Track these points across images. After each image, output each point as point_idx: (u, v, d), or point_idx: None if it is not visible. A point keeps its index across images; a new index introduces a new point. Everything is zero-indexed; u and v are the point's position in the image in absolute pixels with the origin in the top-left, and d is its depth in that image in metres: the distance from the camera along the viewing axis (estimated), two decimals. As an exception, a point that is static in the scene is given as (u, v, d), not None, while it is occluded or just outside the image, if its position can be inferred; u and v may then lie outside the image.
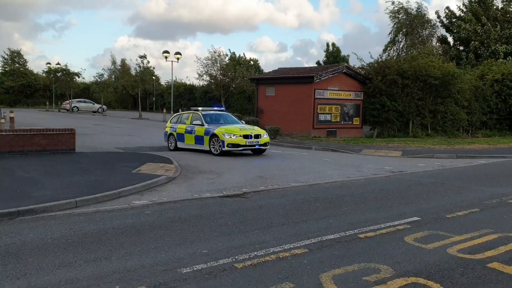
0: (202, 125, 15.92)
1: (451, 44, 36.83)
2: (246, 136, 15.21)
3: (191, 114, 16.87)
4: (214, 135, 15.36)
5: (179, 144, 16.71)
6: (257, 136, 15.52)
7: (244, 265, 5.10)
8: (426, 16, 38.29)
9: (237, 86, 37.84)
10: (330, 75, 23.26)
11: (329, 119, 23.62)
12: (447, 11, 36.13)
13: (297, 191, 9.76)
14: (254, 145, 15.43)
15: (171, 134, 17.12)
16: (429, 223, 7.04)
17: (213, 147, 15.39)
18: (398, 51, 38.49)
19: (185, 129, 16.47)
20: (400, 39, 38.73)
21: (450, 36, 36.74)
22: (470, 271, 5.06)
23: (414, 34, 37.90)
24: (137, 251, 5.55)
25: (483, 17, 33.73)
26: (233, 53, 54.96)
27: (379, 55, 30.44)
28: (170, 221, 7.00)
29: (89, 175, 10.47)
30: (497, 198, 9.09)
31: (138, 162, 12.34)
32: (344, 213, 7.71)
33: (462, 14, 34.96)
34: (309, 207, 8.07)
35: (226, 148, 15.01)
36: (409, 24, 37.29)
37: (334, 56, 44.57)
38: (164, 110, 39.11)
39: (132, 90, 50.43)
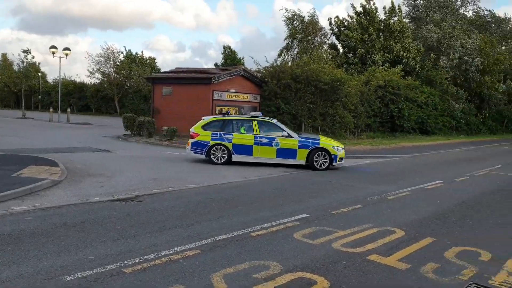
0: (288, 136, 14.09)
1: (341, 51, 39.30)
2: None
3: (255, 121, 14.39)
4: (320, 149, 13.90)
5: (237, 157, 14.14)
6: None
7: (133, 270, 4.93)
8: (318, 24, 40.51)
9: (133, 85, 36.63)
10: (228, 77, 23.48)
11: (225, 121, 23.81)
12: (336, 20, 38.52)
13: (193, 192, 9.68)
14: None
15: (218, 145, 14.15)
16: (317, 220, 7.41)
17: (317, 162, 13.81)
18: (292, 56, 40.18)
19: (254, 140, 14.13)
20: (294, 45, 40.47)
21: (340, 43, 39.20)
22: (352, 263, 5.41)
23: (308, 40, 39.83)
24: (15, 260, 5.08)
25: (371, 27, 36.52)
26: (129, 50, 53.10)
27: (274, 59, 31.53)
28: (54, 227, 6.51)
29: (-41, 180, 9.37)
30: (378, 195, 9.86)
31: (20, 165, 11.31)
32: (238, 212, 7.81)
33: (349, 24, 37.53)
34: (204, 209, 8.04)
35: (337, 163, 14.08)
36: (303, 30, 39.10)
37: (231, 58, 45.17)
38: (51, 109, 36.47)
39: (14, 87, 46.31)
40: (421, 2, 47.17)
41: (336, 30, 38.34)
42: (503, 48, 46.08)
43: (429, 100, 35.48)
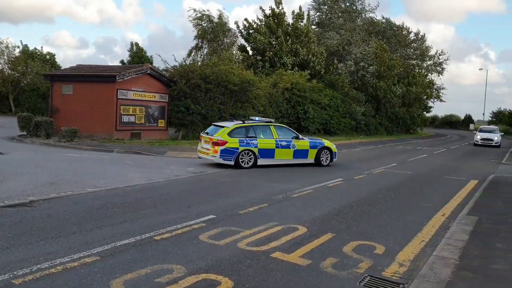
0: (298, 138, 15.70)
1: (250, 53, 39.89)
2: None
3: (272, 126, 15.45)
4: (325, 148, 16.09)
5: (261, 161, 14.78)
6: None
7: (24, 280, 4.56)
8: (227, 25, 40.73)
9: (30, 83, 34.00)
10: (134, 76, 22.73)
11: (133, 120, 23.05)
12: (245, 22, 39.04)
13: (94, 196, 9.17)
14: None
15: (246, 150, 14.45)
16: (223, 220, 7.40)
17: (322, 159, 15.87)
18: (202, 56, 40.00)
19: (276, 144, 14.96)
20: (204, 45, 40.31)
21: (249, 45, 39.78)
22: (256, 262, 5.47)
23: (217, 41, 39.89)
24: None
25: (280, 29, 37.49)
26: (26, 45, 49.22)
27: (183, 58, 31.10)
28: None
29: None
30: (284, 193, 10.12)
31: None
32: (142, 216, 7.55)
33: (258, 27, 38.22)
34: (105, 213, 7.66)
35: (336, 159, 16.37)
36: (212, 31, 39.10)
37: (138, 56, 43.82)
38: None
39: None
40: (325, 7, 49.51)
41: (245, 32, 38.84)
42: (398, 54, 49.92)
43: (332, 103, 37.37)
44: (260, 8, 38.48)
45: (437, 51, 58.12)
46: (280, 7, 38.39)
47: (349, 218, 8.03)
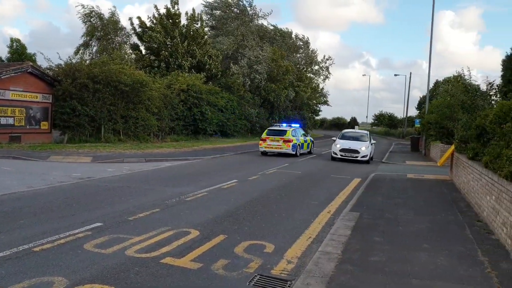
0: (306, 136, 25.65)
1: (144, 53, 38.67)
2: None
3: (298, 129, 24.64)
4: (312, 142, 26.57)
5: (301, 151, 23.70)
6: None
7: None
8: (119, 23, 39.13)
9: None
10: (13, 74, 20.81)
11: (12, 123, 21.08)
12: (138, 21, 37.73)
13: (-39, 207, 8.20)
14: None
15: (298, 144, 23.10)
16: (111, 227, 7.06)
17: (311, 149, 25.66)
18: (91, 55, 37.95)
19: (304, 140, 24.38)
20: (93, 43, 38.30)
21: (142, 44, 38.54)
22: (145, 269, 5.29)
23: (108, 39, 38.13)
24: None
25: (177, 30, 36.84)
26: None
27: (69, 57, 29.02)
28: None
29: None
30: (177, 197, 9.96)
31: None
32: (20, 226, 6.91)
33: (153, 25, 37.19)
34: (-25, 225, 6.87)
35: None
36: (102, 28, 37.31)
37: (19, 53, 40.23)
38: None
39: None
40: (218, 12, 49.89)
41: (139, 30, 37.57)
42: (289, 60, 52.05)
43: (228, 105, 37.79)
44: (155, 6, 37.39)
45: (324, 56, 61.83)
46: (176, 8, 37.82)
47: (241, 219, 8.15)
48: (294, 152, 22.16)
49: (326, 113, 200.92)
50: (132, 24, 37.43)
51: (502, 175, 7.03)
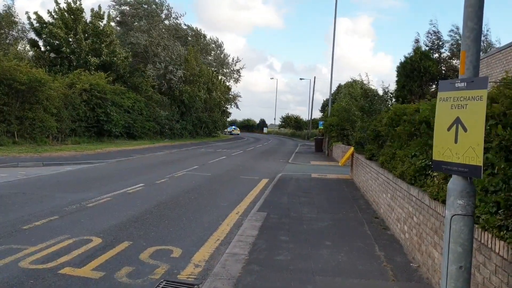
0: None
1: (43, 50, 36.10)
2: None
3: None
4: None
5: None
6: None
7: None
8: (13, 17, 36.26)
9: None
10: None
11: None
12: (36, 16, 35.12)
13: None
14: None
15: None
16: (2, 238, 6.49)
17: None
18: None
19: None
20: (-17, 38, 35.05)
21: (42, 41, 35.97)
22: (41, 281, 4.94)
23: (1, 34, 35.18)
24: None
25: (79, 26, 34.81)
26: None
27: None
28: None
29: None
30: (78, 204, 9.42)
31: None
32: None
33: (53, 21, 34.84)
34: None
35: None
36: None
37: None
38: None
39: None
40: (128, 8, 48.26)
41: (37, 25, 34.99)
42: (202, 61, 51.93)
43: (135, 106, 36.63)
44: (55, 1, 34.97)
45: (233, 58, 62.57)
46: (78, 3, 35.81)
47: (148, 224, 7.92)
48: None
49: (237, 115, 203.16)
50: (29, 18, 34.84)
51: (396, 174, 7.59)
